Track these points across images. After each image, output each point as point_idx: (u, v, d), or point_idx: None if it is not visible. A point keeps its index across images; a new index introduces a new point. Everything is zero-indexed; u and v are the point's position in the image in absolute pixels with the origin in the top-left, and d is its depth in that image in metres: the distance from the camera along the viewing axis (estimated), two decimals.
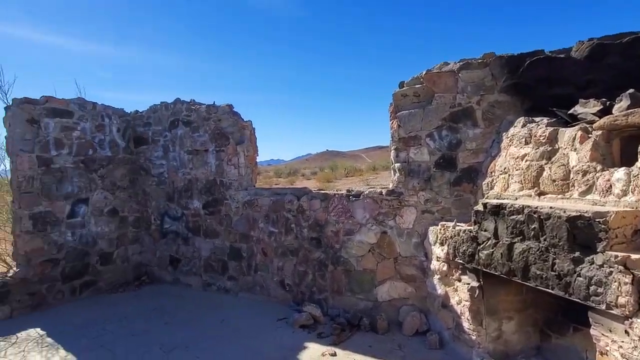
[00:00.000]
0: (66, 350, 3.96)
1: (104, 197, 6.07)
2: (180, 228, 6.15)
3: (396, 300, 4.44)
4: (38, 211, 5.29)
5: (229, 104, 5.74)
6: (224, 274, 5.73)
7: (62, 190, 5.56)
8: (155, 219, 6.42)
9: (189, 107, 5.97)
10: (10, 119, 5.20)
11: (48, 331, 4.46)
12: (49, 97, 5.52)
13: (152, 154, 6.37)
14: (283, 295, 5.22)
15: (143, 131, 6.43)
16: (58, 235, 5.47)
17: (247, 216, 5.48)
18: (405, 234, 4.34)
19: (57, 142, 5.52)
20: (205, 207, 5.87)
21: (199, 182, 5.91)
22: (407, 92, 4.24)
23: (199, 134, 5.86)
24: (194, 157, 5.94)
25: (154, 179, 6.37)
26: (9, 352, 3.97)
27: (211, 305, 5.26)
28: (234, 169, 5.61)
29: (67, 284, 5.53)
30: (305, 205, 4.98)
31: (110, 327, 4.57)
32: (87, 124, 5.88)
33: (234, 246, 5.63)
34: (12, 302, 4.94)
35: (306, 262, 5.02)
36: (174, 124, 6.11)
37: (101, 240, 5.99)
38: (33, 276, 5.16)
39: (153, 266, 6.48)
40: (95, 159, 5.96)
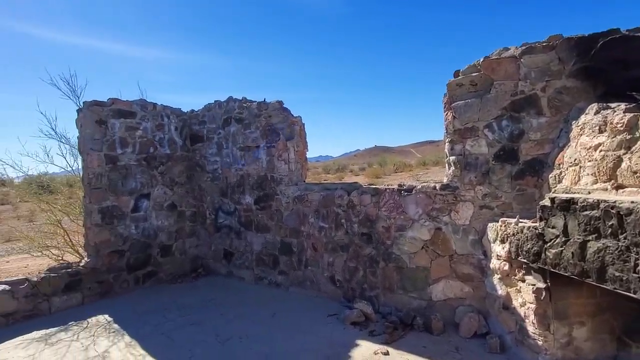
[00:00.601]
0: (130, 336, 4.22)
1: (164, 193, 6.41)
2: (234, 222, 6.34)
3: (452, 300, 4.24)
4: (106, 205, 5.69)
5: (279, 100, 5.80)
6: (275, 268, 5.82)
7: (127, 186, 5.94)
8: (210, 213, 6.67)
9: (240, 104, 6.12)
10: (82, 120, 5.64)
11: (115, 317, 4.79)
12: (115, 99, 5.90)
13: (207, 151, 6.61)
14: (333, 291, 5.20)
15: (198, 129, 6.69)
16: (123, 228, 5.85)
17: (298, 211, 5.51)
18: (462, 231, 4.12)
19: (122, 141, 5.90)
20: (256, 202, 5.99)
21: (250, 177, 6.05)
22: (463, 81, 4.01)
23: (250, 131, 5.99)
24: (246, 153, 6.08)
25: (208, 175, 6.62)
26: (81, 335, 4.31)
27: (263, 298, 5.36)
28: (284, 165, 5.66)
29: (131, 273, 5.90)
30: (355, 200, 4.91)
31: (170, 315, 4.81)
32: (149, 123, 6.22)
33: (284, 241, 5.70)
34: (83, 290, 5.37)
35: (357, 258, 4.95)
36: (227, 121, 6.30)
37: (161, 233, 6.33)
38: (102, 266, 5.57)
39: (208, 259, 6.75)
40: (155, 156, 6.30)
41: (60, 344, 4.11)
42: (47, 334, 4.37)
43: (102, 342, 4.12)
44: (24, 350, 4.00)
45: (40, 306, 4.98)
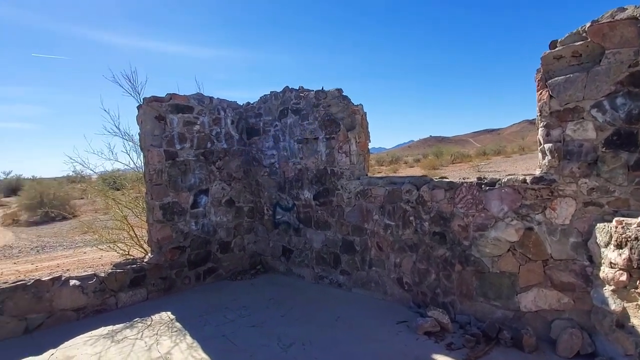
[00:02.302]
0: (192, 337, 4.10)
1: (222, 188, 6.30)
2: (292, 219, 6.08)
3: (546, 311, 3.63)
4: (167, 202, 5.67)
5: (338, 88, 5.41)
6: (336, 267, 5.48)
7: (186, 181, 5.89)
8: (268, 209, 6.47)
9: (297, 94, 5.81)
10: (142, 116, 5.64)
11: (177, 315, 4.72)
12: (173, 94, 5.85)
13: (264, 145, 6.41)
14: (401, 295, 4.76)
15: (254, 122, 6.50)
16: (184, 224, 5.81)
17: (360, 207, 5.12)
18: (559, 232, 3.49)
19: (180, 136, 5.84)
20: (315, 197, 5.68)
21: (309, 171, 5.74)
22: (563, 53, 3.35)
23: (308, 122, 5.67)
24: (304, 146, 5.78)
25: (265, 170, 6.42)
26: (145, 334, 4.27)
27: (324, 299, 5.05)
28: (345, 157, 5.28)
29: (192, 270, 5.87)
30: (426, 196, 4.41)
31: (231, 315, 4.65)
32: (205, 117, 6.12)
33: (346, 239, 5.33)
34: (148, 286, 5.39)
35: (428, 259, 4.46)
36: (283, 113, 6.03)
37: (220, 230, 6.24)
38: (164, 262, 5.57)
39: (267, 256, 6.58)
40: (213, 151, 6.21)
41: (125, 342, 4.08)
42: (114, 330, 4.39)
43: (165, 342, 4.03)
44: (92, 347, 4.01)
45: (108, 301, 5.05)
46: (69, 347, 4.03)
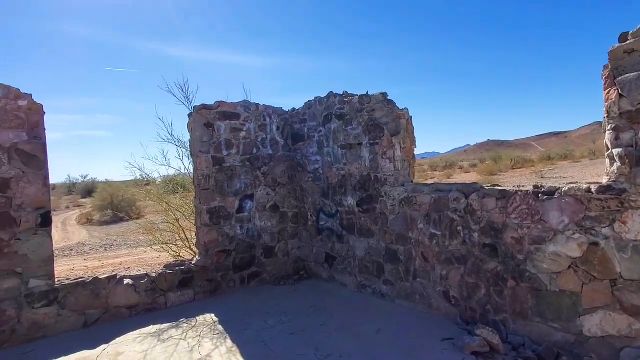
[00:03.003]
0: (232, 341, 4.14)
1: (267, 193, 6.38)
2: (335, 225, 6.00)
3: (614, 338, 3.21)
4: (214, 206, 5.84)
5: (383, 92, 5.26)
6: (380, 276, 5.30)
7: (232, 187, 6.03)
8: (312, 215, 6.44)
9: (341, 99, 5.74)
10: (192, 123, 5.87)
11: (220, 318, 4.82)
12: (221, 102, 6.03)
13: (308, 150, 6.40)
14: (447, 309, 4.48)
15: (299, 128, 6.52)
16: (229, 229, 5.95)
17: (405, 215, 4.91)
18: (631, 249, 3.08)
19: (227, 142, 6.01)
20: (359, 204, 5.55)
21: (352, 177, 5.63)
22: (635, 46, 2.96)
23: (352, 127, 5.57)
24: (348, 152, 5.68)
25: (310, 175, 6.40)
26: (189, 334, 4.39)
27: (366, 309, 4.90)
28: (389, 163, 5.10)
29: (237, 273, 5.98)
30: (475, 205, 4.12)
31: (272, 321, 4.66)
32: (252, 124, 6.25)
33: (390, 247, 5.15)
34: (195, 287, 5.58)
35: (477, 273, 4.16)
36: (327, 118, 5.98)
37: (265, 234, 6.32)
38: (211, 265, 5.73)
39: (310, 262, 6.55)
40: (258, 157, 6.31)
41: (170, 342, 4.22)
42: (161, 329, 4.57)
43: (206, 344, 4.12)
44: (140, 344, 4.20)
45: (158, 300, 5.28)
46: (119, 343, 4.25)
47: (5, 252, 4.32)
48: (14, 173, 4.40)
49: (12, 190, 4.38)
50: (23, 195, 4.44)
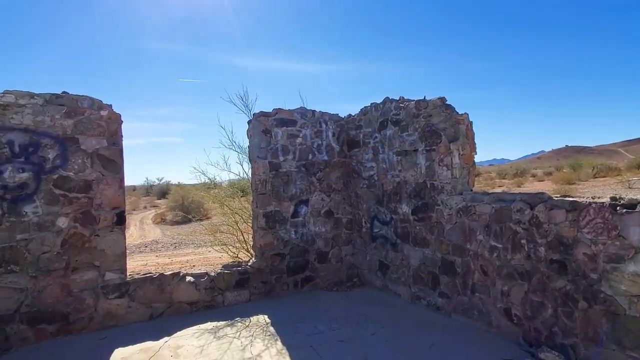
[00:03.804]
0: (282, 344, 4.22)
1: (321, 199, 6.44)
2: (389, 233, 5.88)
3: None
4: (269, 210, 6.02)
5: (441, 97, 5.07)
6: (435, 289, 5.09)
7: (288, 192, 6.17)
8: (366, 222, 6.38)
9: (397, 105, 5.64)
10: (251, 130, 6.13)
11: (272, 320, 4.93)
12: (279, 109, 6.23)
13: (363, 157, 6.36)
14: (508, 328, 4.16)
15: (355, 134, 6.51)
16: (284, 233, 6.09)
17: (462, 225, 4.67)
18: None
19: (284, 148, 6.17)
20: (414, 212, 5.38)
21: (407, 185, 5.49)
22: None
23: (407, 133, 5.44)
24: (403, 158, 5.55)
25: (364, 182, 6.35)
26: (242, 334, 4.55)
27: (419, 322, 4.72)
28: (447, 171, 4.89)
29: (291, 277, 6.09)
30: (542, 217, 3.80)
31: (322, 326, 4.67)
32: (308, 130, 6.36)
33: (446, 258, 4.92)
34: (250, 288, 5.77)
35: (543, 290, 3.82)
36: (382, 124, 5.90)
37: (318, 240, 6.37)
38: (265, 267, 5.90)
39: (364, 269, 6.47)
40: (314, 163, 6.40)
41: (224, 339, 4.41)
42: (217, 326, 4.79)
43: (258, 345, 4.24)
44: (197, 339, 4.44)
45: (216, 299, 5.55)
46: (180, 336, 4.52)
47: (86, 247, 4.82)
48: (95, 176, 4.90)
49: (93, 191, 4.88)
50: (102, 196, 4.93)
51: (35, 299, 4.53)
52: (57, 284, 4.64)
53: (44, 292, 4.58)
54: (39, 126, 4.61)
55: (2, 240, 4.42)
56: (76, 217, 4.76)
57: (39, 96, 4.65)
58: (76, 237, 4.76)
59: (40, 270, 4.57)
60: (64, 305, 4.67)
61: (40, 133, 4.62)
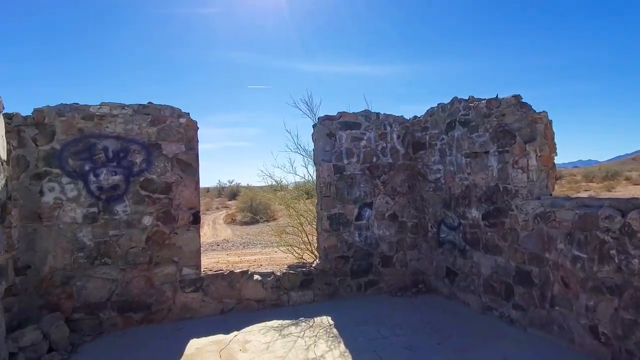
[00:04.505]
0: (345, 346, 4.23)
1: (385, 202, 6.36)
2: (457, 239, 5.62)
3: None
4: (333, 213, 6.08)
5: (516, 94, 4.75)
6: (508, 299, 4.76)
7: (352, 194, 6.18)
8: (432, 226, 6.17)
9: (466, 105, 5.39)
10: (316, 134, 6.25)
11: (336, 322, 4.97)
12: (343, 112, 6.28)
13: (429, 159, 6.17)
14: (594, 347, 3.76)
15: (420, 136, 6.34)
16: (348, 235, 6.11)
17: (540, 232, 4.32)
18: None
19: (348, 151, 6.20)
20: (484, 217, 5.10)
21: (477, 188, 5.21)
22: None
23: (477, 134, 5.17)
24: (472, 161, 5.29)
25: (430, 185, 6.15)
26: (306, 333, 4.64)
27: (490, 334, 4.45)
28: (522, 173, 4.57)
29: (354, 279, 6.09)
30: (635, 225, 3.39)
31: (385, 332, 4.60)
32: (372, 133, 6.33)
33: (521, 268, 4.58)
34: (314, 289, 5.87)
35: (637, 307, 3.40)
36: (450, 125, 5.68)
37: (382, 243, 6.29)
38: (329, 269, 5.96)
39: (429, 275, 6.26)
40: (378, 165, 6.34)
41: (289, 338, 4.54)
42: (282, 325, 4.94)
43: (321, 345, 4.30)
44: (264, 336, 4.62)
45: (282, 298, 5.73)
46: (247, 332, 4.74)
47: (167, 244, 5.26)
48: (175, 178, 5.33)
49: (172, 192, 5.31)
50: (180, 197, 5.35)
51: (123, 290, 5.05)
52: (142, 276, 5.13)
53: (131, 283, 5.08)
54: (129, 134, 5.14)
55: (98, 235, 4.99)
56: (158, 216, 5.23)
57: (129, 107, 5.19)
58: (158, 234, 5.22)
59: (128, 264, 5.08)
60: (148, 296, 5.14)
61: (129, 140, 5.15)
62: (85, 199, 4.97)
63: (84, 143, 5.00)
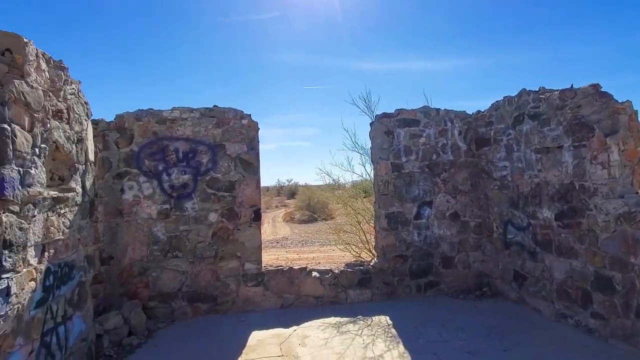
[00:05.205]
0: (404, 347, 4.15)
1: (446, 201, 6.13)
2: (526, 240, 5.27)
3: None
4: (391, 211, 5.99)
5: (594, 83, 4.35)
6: (586, 307, 4.37)
7: (410, 193, 6.05)
8: (498, 226, 5.83)
9: (536, 97, 5.03)
10: (373, 132, 6.20)
11: (394, 322, 4.89)
12: (401, 109, 6.16)
13: (494, 156, 5.84)
14: None
15: (484, 131, 6.02)
16: (406, 234, 5.99)
17: (624, 234, 3.91)
18: None
19: (406, 149, 6.07)
20: (558, 217, 4.72)
21: (549, 186, 4.84)
22: None
23: (549, 128, 4.80)
24: (543, 156, 4.92)
25: (496, 183, 5.83)
26: (364, 332, 4.63)
27: (564, 343, 4.11)
28: (601, 170, 4.17)
29: (413, 280, 5.95)
30: None
31: (446, 335, 4.45)
32: (431, 129, 6.14)
33: (600, 273, 4.18)
34: (372, 288, 5.83)
35: None
36: (518, 119, 5.33)
37: (443, 243, 6.08)
38: (387, 268, 5.89)
39: (495, 278, 5.93)
40: (438, 163, 6.14)
41: (347, 335, 4.56)
42: (340, 322, 4.97)
43: (380, 345, 4.26)
44: (322, 332, 4.68)
45: (340, 295, 5.77)
46: (306, 327, 4.84)
47: (230, 239, 5.53)
48: (237, 177, 5.59)
49: (235, 191, 5.57)
50: (243, 195, 5.60)
51: (192, 281, 5.40)
52: (208, 269, 5.45)
53: (199, 275, 5.42)
54: (196, 135, 5.49)
55: (170, 230, 5.39)
56: (223, 212, 5.51)
57: (196, 110, 5.53)
58: (223, 230, 5.50)
59: (196, 257, 5.42)
60: (214, 288, 5.44)
61: (197, 141, 5.49)
62: (159, 197, 5.39)
63: (158, 145, 5.42)
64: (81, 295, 3.70)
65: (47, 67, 3.17)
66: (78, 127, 3.68)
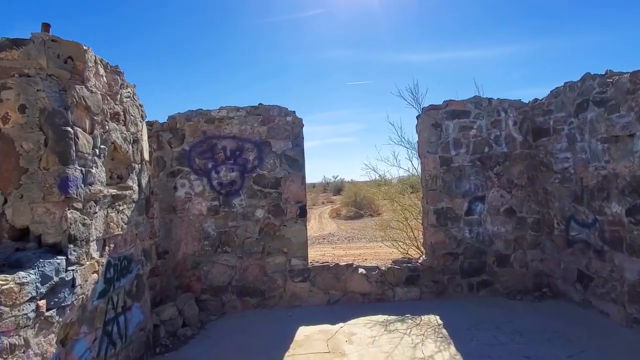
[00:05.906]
0: (456, 349, 3.98)
1: (500, 196, 5.80)
2: (592, 238, 4.84)
3: None
4: (440, 207, 5.76)
5: None
6: None
7: (460, 188, 5.78)
8: (559, 223, 5.42)
9: (602, 81, 4.59)
10: (420, 125, 5.99)
11: (445, 322, 4.71)
12: (450, 100, 5.90)
13: (554, 146, 5.42)
14: None
15: (542, 121, 5.61)
16: (457, 231, 5.73)
17: None
18: None
19: (455, 142, 5.81)
20: (629, 213, 4.29)
21: (619, 178, 4.41)
22: None
23: (618, 114, 4.36)
24: (612, 146, 4.48)
25: (556, 176, 5.41)
26: (412, 331, 4.50)
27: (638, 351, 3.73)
28: None
29: (465, 279, 5.69)
30: None
31: (501, 338, 4.20)
32: (483, 121, 5.82)
33: None
34: (421, 286, 5.66)
35: None
36: (581, 106, 4.90)
37: (497, 241, 5.75)
38: (437, 266, 5.68)
39: (556, 278, 5.52)
40: (490, 156, 5.81)
41: (395, 334, 4.45)
42: (388, 320, 4.87)
43: (429, 345, 4.12)
44: (369, 330, 4.61)
45: (387, 293, 5.65)
46: (353, 324, 4.79)
47: (277, 235, 5.60)
48: (283, 174, 5.65)
49: (281, 187, 5.64)
50: (288, 191, 5.65)
51: (241, 276, 5.55)
52: (256, 264, 5.56)
53: (247, 270, 5.55)
54: (243, 133, 5.61)
55: (220, 226, 5.56)
56: (269, 209, 5.60)
57: (242, 109, 5.65)
58: (269, 226, 5.59)
59: (244, 252, 5.56)
60: (261, 283, 5.55)
61: (243, 139, 5.61)
62: (209, 194, 5.58)
63: (207, 144, 5.60)
64: (139, 287, 3.92)
65: (105, 72, 3.37)
66: (134, 128, 3.88)
